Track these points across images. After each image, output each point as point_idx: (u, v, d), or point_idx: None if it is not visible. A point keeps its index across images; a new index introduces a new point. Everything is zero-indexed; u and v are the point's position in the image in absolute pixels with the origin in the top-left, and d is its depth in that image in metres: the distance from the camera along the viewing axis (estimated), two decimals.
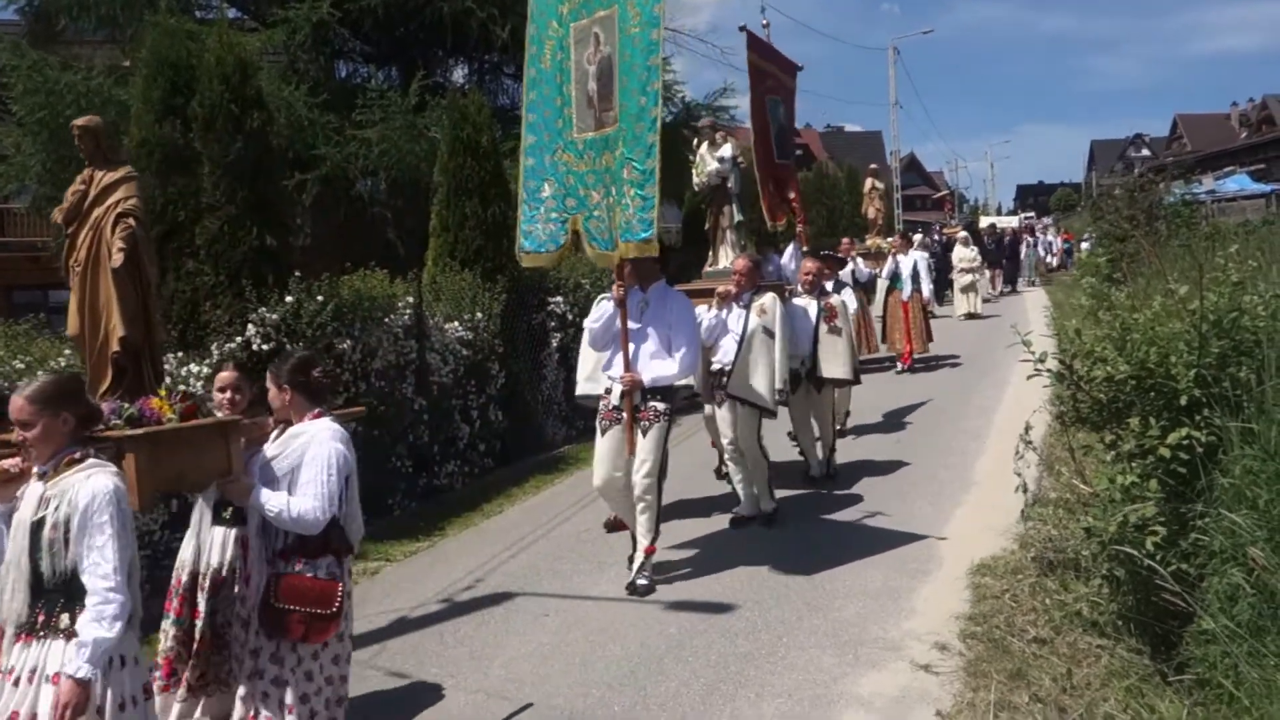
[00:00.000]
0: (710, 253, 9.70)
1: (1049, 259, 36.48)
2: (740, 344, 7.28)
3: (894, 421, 11.29)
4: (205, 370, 7.06)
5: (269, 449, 4.22)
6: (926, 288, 15.38)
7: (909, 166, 67.78)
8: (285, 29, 12.45)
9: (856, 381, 9.11)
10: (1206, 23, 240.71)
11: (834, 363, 8.66)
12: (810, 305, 8.73)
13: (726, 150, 9.38)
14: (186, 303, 7.53)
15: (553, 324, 11.40)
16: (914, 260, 15.40)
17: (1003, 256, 29.37)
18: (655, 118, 5.77)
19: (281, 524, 4.00)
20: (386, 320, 8.56)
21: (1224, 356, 4.98)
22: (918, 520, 7.53)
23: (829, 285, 9.63)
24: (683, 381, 6.56)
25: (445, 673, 5.28)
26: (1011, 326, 6.54)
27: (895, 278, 15.45)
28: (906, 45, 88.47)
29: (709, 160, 9.42)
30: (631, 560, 6.44)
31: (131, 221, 4.49)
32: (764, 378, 7.29)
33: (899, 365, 15.24)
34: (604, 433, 6.39)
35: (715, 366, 7.40)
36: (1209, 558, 4.41)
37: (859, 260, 15.45)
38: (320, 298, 7.74)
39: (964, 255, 22.73)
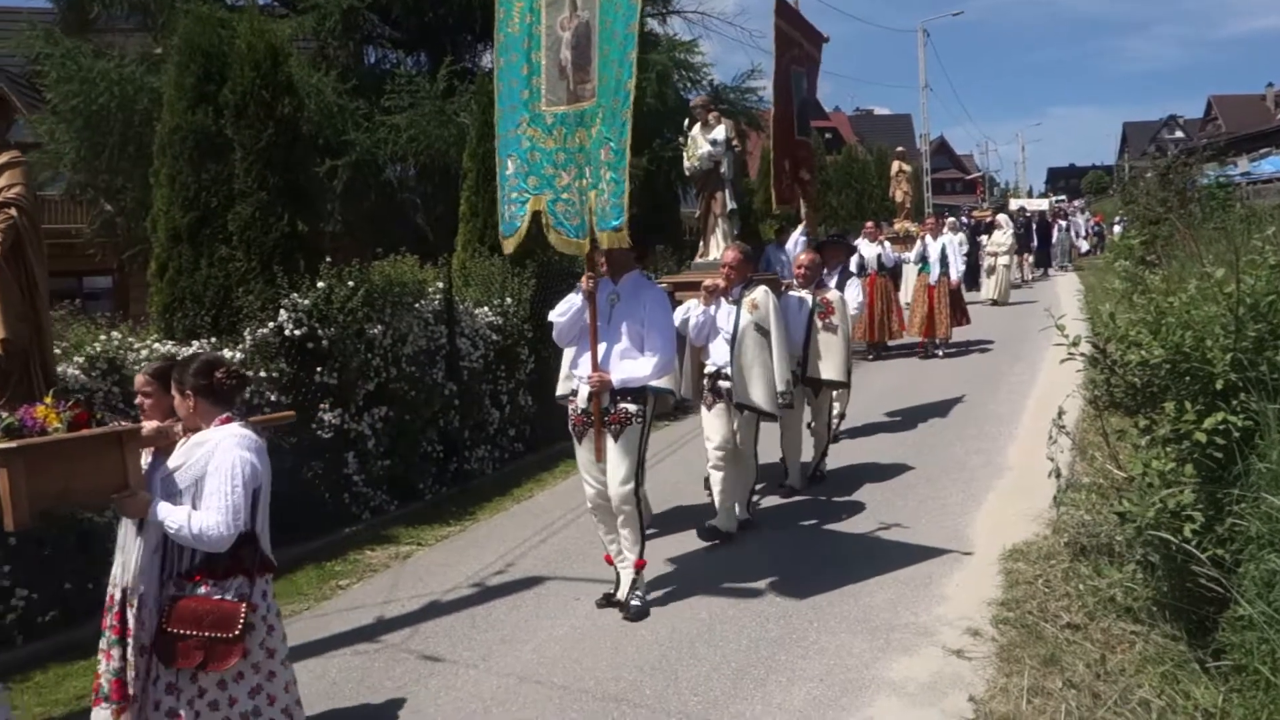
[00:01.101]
0: (701, 242, 9.13)
1: (1081, 242, 35.85)
2: (733, 345, 6.75)
3: (924, 406, 11.23)
4: (239, 356, 7.12)
5: (172, 459, 3.79)
6: (955, 271, 15.23)
7: (939, 150, 67.26)
8: (315, 15, 12.51)
9: (846, 384, 8.44)
10: (1240, 2, 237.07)
11: (826, 363, 8.01)
12: (805, 300, 8.06)
13: (720, 132, 8.59)
14: (219, 288, 7.59)
15: None
16: (942, 243, 15.28)
17: (1031, 240, 28.85)
18: (629, 91, 5.29)
19: (183, 541, 3.59)
20: (417, 306, 8.60)
21: (1261, 340, 4.91)
22: (949, 505, 7.51)
23: (839, 272, 9.40)
24: (659, 383, 5.87)
25: (477, 656, 5.32)
26: (1045, 310, 6.49)
27: (924, 261, 15.36)
28: (936, 27, 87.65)
29: (701, 142, 8.64)
30: (616, 587, 5.89)
31: (13, 211, 4.20)
32: (761, 380, 6.74)
33: (923, 349, 15.17)
34: (580, 440, 5.86)
35: (709, 369, 6.94)
36: (1245, 543, 4.36)
37: (887, 244, 15.38)
38: (351, 283, 7.79)
39: (995, 240, 22.41)
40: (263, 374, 7.21)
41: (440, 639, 5.61)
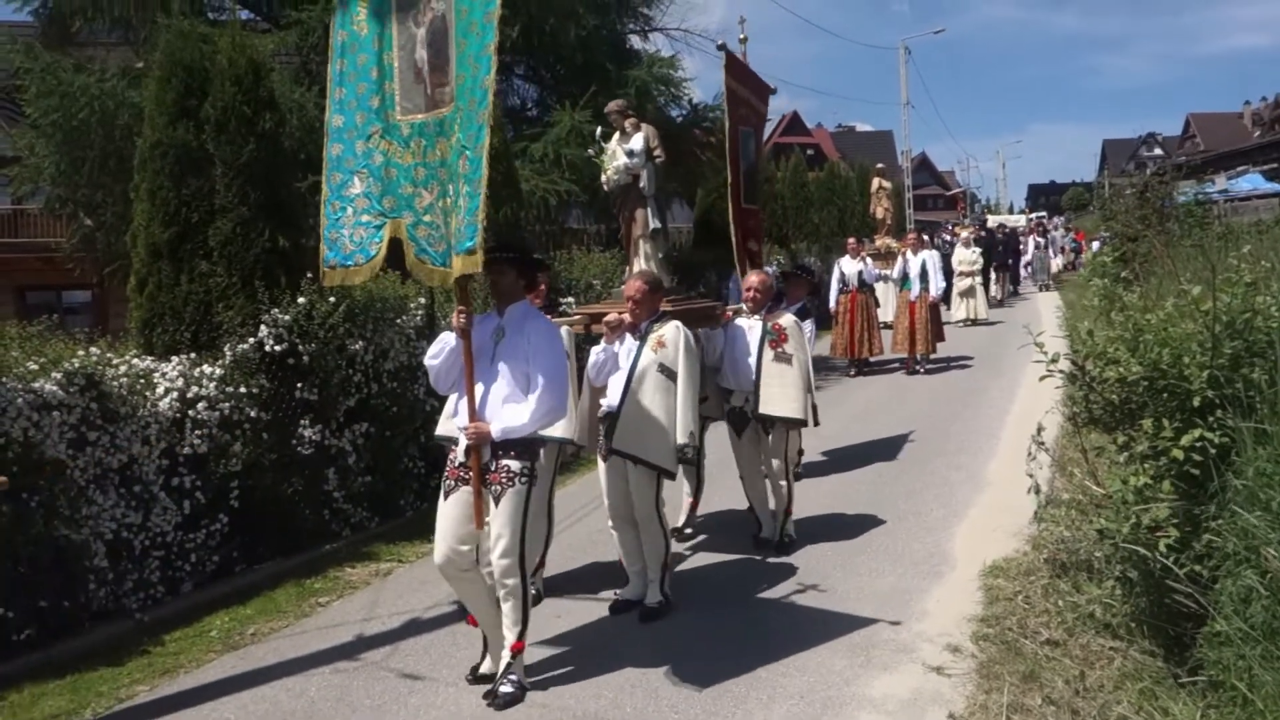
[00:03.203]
0: (625, 268, 8.06)
1: (1056, 259, 35.31)
2: (627, 387, 5.87)
3: (904, 422, 11.27)
4: (218, 372, 7.09)
5: None
6: (935, 287, 15.32)
7: (920, 166, 67.74)
8: (298, 31, 12.49)
9: (807, 423, 7.24)
10: (1219, 21, 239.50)
11: (781, 398, 6.94)
12: (754, 328, 7.11)
13: (638, 141, 7.38)
14: (199, 304, 7.55)
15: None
16: (923, 259, 15.38)
17: (1008, 257, 28.69)
18: (488, 89, 4.50)
19: None
20: (399, 321, 8.58)
21: (1237, 358, 4.96)
22: (929, 521, 7.53)
23: (799, 309, 8.13)
24: (554, 433, 5.27)
25: (458, 674, 5.28)
26: (1024, 327, 6.53)
27: (904, 277, 15.46)
28: (917, 44, 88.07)
29: (618, 154, 7.49)
30: (477, 669, 5.16)
31: None
32: (659, 429, 5.84)
33: (908, 365, 15.25)
34: (447, 495, 4.97)
35: (602, 411, 6.05)
36: (1222, 560, 4.39)
37: (868, 261, 15.47)
38: (332, 299, 7.76)
39: (964, 257, 21.50)
40: (242, 390, 7.17)
41: (420, 657, 5.58)
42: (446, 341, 4.94)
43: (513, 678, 4.90)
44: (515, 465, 4.83)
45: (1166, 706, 4.30)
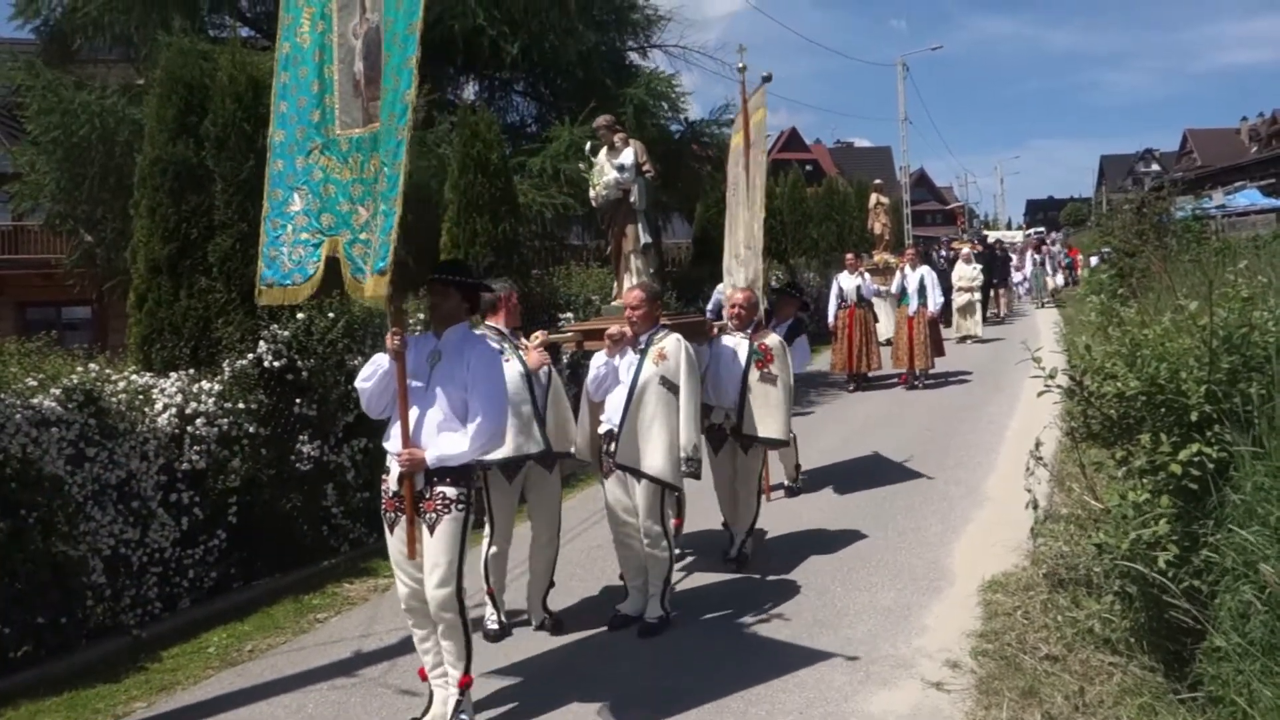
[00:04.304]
0: (615, 284, 7.87)
1: (1057, 277, 34.83)
2: (629, 401, 5.87)
3: (903, 437, 11.27)
4: (217, 388, 7.10)
5: None
6: (933, 302, 15.34)
7: (919, 182, 67.91)
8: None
9: (786, 443, 7.31)
10: (1216, 37, 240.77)
11: (763, 418, 6.93)
12: (740, 346, 7.11)
13: (628, 156, 7.31)
14: (199, 320, 7.56)
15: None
16: (920, 274, 15.40)
17: (1008, 274, 28.46)
18: (409, 104, 4.32)
19: None
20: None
21: (1234, 372, 4.96)
22: (928, 537, 7.52)
23: (789, 327, 8.48)
24: (495, 455, 5.19)
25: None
26: (1022, 343, 6.54)
27: (903, 293, 15.49)
28: (915, 61, 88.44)
29: (607, 169, 7.41)
30: (426, 710, 4.89)
31: None
32: (662, 443, 5.81)
33: (906, 380, 15.26)
34: (391, 528, 4.79)
35: (604, 428, 6.03)
36: (1221, 575, 4.39)
37: (866, 276, 15.48)
38: (331, 314, 7.78)
39: (963, 273, 21.18)
40: (241, 405, 7.17)
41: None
42: (379, 364, 4.74)
43: (464, 716, 4.73)
44: (451, 492, 4.64)
45: None
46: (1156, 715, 4.40)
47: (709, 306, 12.34)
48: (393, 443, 4.72)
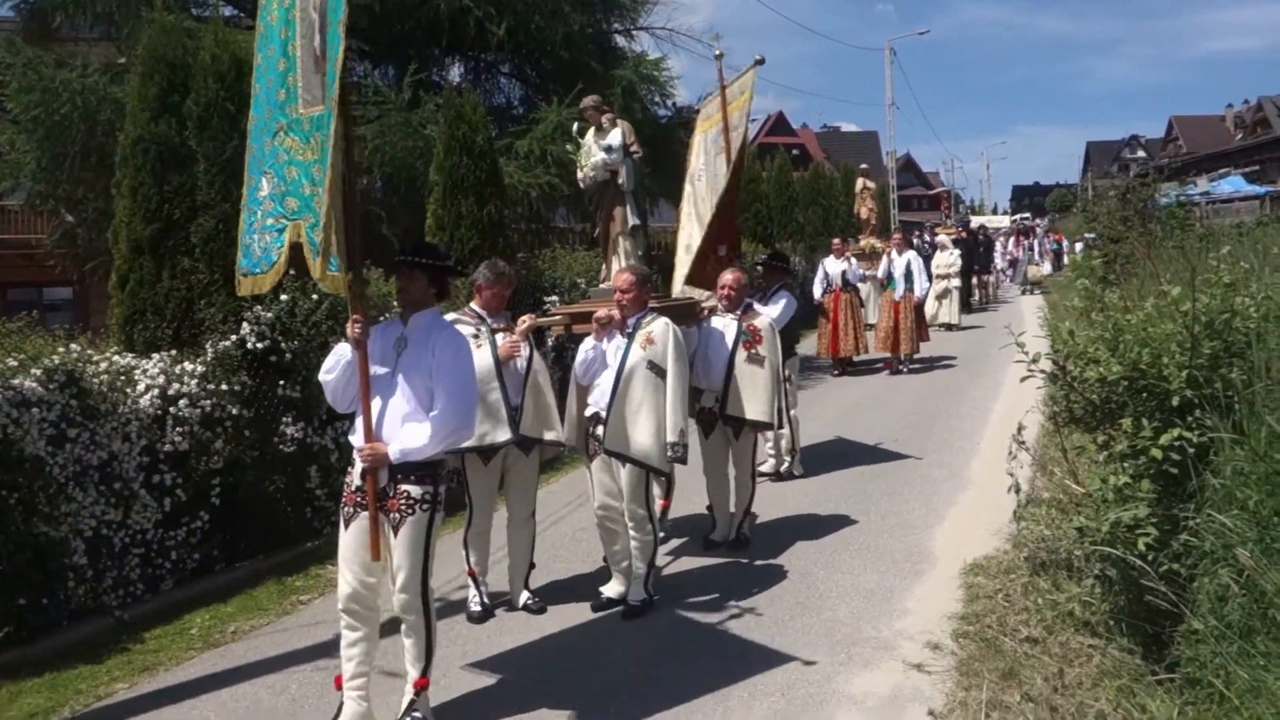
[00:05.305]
0: (603, 266, 7.70)
1: (1044, 265, 34.71)
2: (616, 385, 5.84)
3: (887, 422, 11.31)
4: (200, 369, 7.06)
5: None
6: (919, 287, 15.38)
7: (905, 167, 67.95)
8: None
9: (772, 426, 7.23)
10: (1203, 25, 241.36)
11: (750, 400, 6.89)
12: (729, 327, 7.05)
13: (615, 137, 7.21)
14: (181, 300, 7.51)
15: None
16: (907, 259, 15.43)
17: (991, 261, 28.38)
18: (335, 74, 4.16)
19: None
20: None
21: (1215, 358, 5.00)
22: (911, 520, 7.56)
23: (778, 290, 8.60)
24: (460, 445, 5.03)
25: (438, 672, 5.25)
26: (1005, 327, 6.56)
27: (889, 278, 15.52)
28: (902, 46, 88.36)
29: (594, 150, 7.30)
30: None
31: None
32: (649, 427, 5.80)
33: (892, 365, 15.31)
34: (347, 524, 4.56)
35: (590, 410, 6.03)
36: (1199, 558, 4.42)
37: (853, 260, 15.49)
38: (315, 296, 7.74)
39: (940, 260, 21.06)
40: (224, 387, 7.14)
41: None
42: (342, 354, 4.56)
43: (417, 715, 4.57)
44: (415, 491, 4.43)
45: (1144, 703, 4.32)
46: (1134, 697, 4.43)
47: None
48: (356, 436, 4.53)
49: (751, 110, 8.43)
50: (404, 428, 4.43)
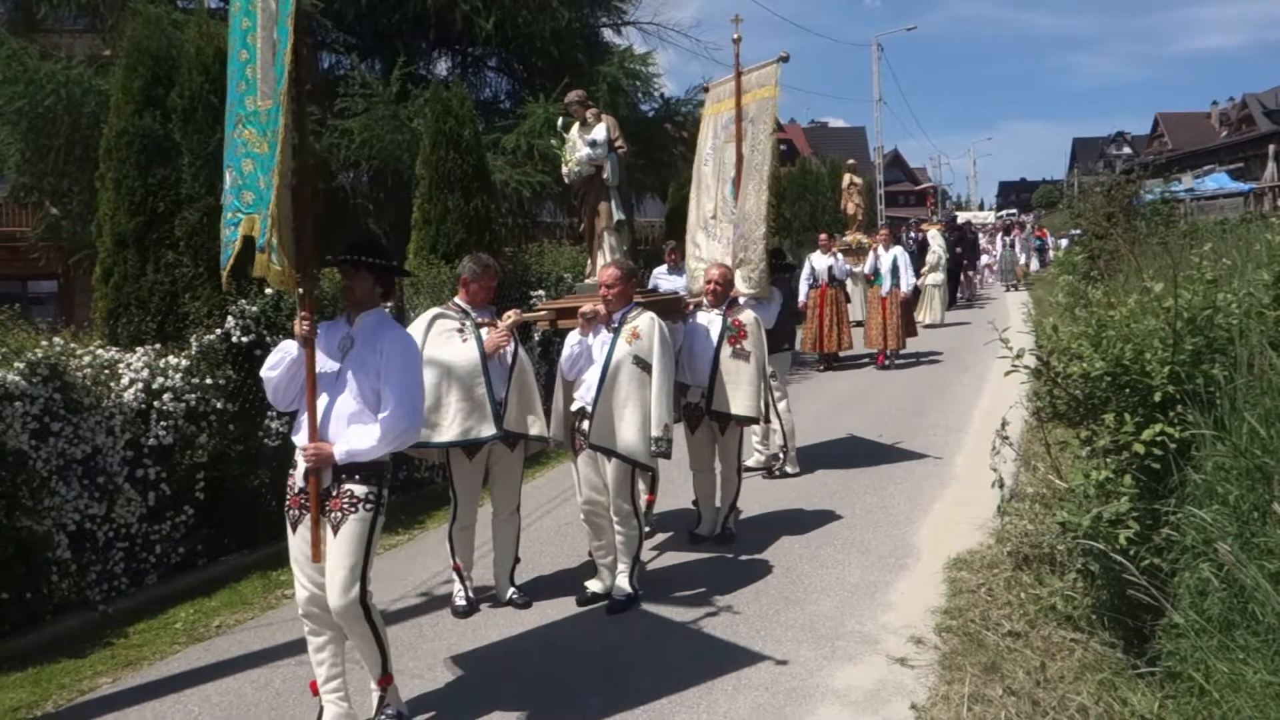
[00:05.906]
0: (589, 261, 7.67)
1: (1027, 260, 34.50)
2: (602, 380, 5.86)
3: (872, 417, 11.35)
4: (184, 363, 7.04)
5: None
6: (906, 283, 15.42)
7: (892, 162, 67.98)
8: None
9: (757, 420, 7.23)
10: (1188, 21, 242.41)
11: (735, 395, 6.92)
12: (714, 322, 7.08)
13: (600, 131, 7.17)
14: (165, 294, 7.49)
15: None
16: (894, 255, 15.47)
17: (978, 256, 28.38)
18: (284, 68, 4.12)
19: None
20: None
21: (1198, 354, 5.03)
22: (895, 514, 7.59)
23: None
24: (445, 438, 5.32)
25: (423, 666, 5.29)
26: (989, 323, 6.58)
27: (876, 273, 15.56)
28: (890, 41, 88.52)
29: (579, 144, 7.27)
30: None
31: None
32: (634, 423, 5.82)
33: (882, 360, 15.35)
34: (294, 527, 4.50)
35: (575, 405, 6.04)
36: (1181, 553, 4.46)
37: (839, 256, 15.52)
38: (300, 290, 7.70)
39: (926, 259, 20.72)
40: (209, 381, 7.12)
41: None
42: (287, 351, 4.47)
43: (389, 711, 4.54)
44: (360, 490, 4.34)
45: (1125, 697, 4.35)
46: (1116, 690, 4.46)
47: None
48: (300, 435, 4.43)
49: (777, 106, 8.23)
50: (350, 428, 4.36)
